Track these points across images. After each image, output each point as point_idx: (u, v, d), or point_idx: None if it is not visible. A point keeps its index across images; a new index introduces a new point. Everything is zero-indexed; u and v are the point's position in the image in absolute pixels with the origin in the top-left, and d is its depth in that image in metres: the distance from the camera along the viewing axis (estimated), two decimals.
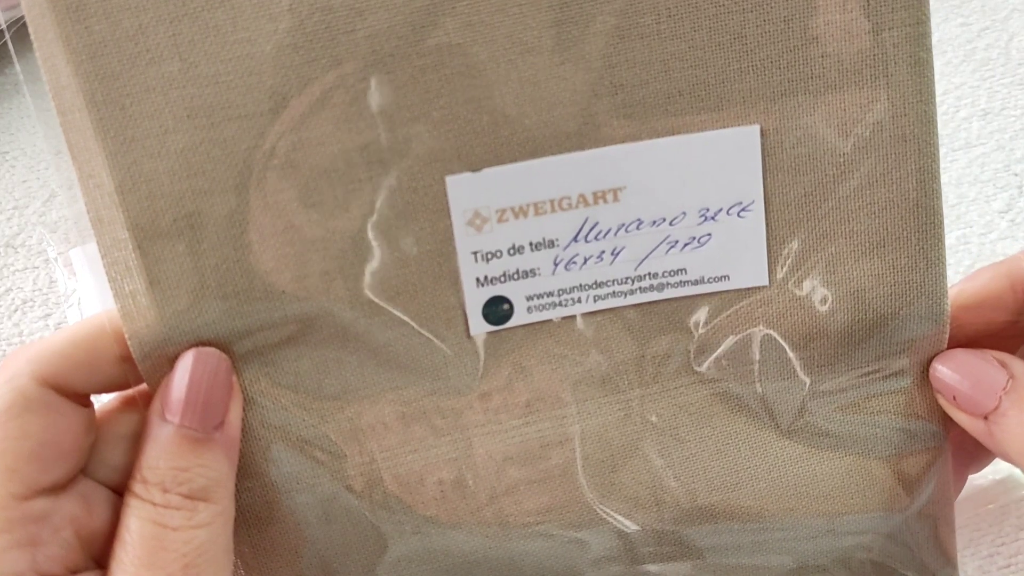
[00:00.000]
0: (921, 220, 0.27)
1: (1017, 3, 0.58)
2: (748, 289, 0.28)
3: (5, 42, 0.63)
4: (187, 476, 0.25)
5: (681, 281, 0.27)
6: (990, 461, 0.33)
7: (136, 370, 0.26)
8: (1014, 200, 0.48)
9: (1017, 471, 0.35)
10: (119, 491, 0.26)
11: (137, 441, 0.26)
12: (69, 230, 0.50)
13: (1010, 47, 0.55)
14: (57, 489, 0.25)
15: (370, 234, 0.26)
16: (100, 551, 0.26)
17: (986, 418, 0.27)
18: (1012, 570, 0.35)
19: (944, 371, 0.28)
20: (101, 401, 0.27)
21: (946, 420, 0.29)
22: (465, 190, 0.26)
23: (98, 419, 0.26)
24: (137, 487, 0.25)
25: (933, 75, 0.26)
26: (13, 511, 0.24)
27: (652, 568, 0.30)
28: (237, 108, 0.24)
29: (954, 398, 0.28)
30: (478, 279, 0.27)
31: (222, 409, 0.25)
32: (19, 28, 0.25)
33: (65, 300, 0.47)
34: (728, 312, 0.28)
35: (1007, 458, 0.28)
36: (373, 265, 0.26)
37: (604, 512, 0.29)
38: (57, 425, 0.24)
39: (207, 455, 0.25)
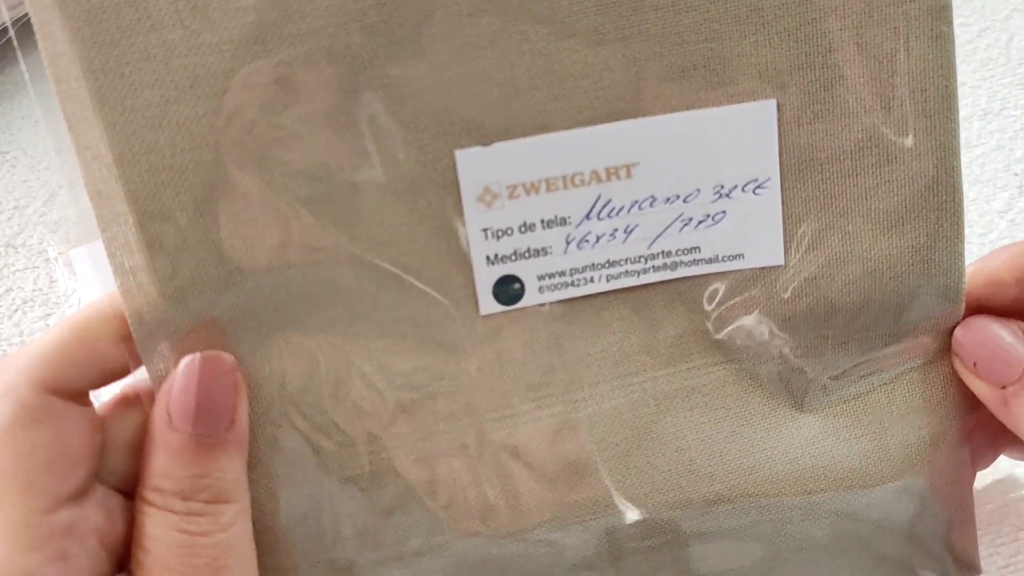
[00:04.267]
0: (940, 198, 0.26)
1: (1017, 3, 0.57)
2: (763, 268, 0.27)
3: (6, 42, 0.63)
4: (207, 482, 0.24)
5: (695, 259, 0.27)
6: (996, 456, 0.33)
7: (135, 354, 0.25)
8: (1014, 200, 0.48)
9: (1017, 471, 0.35)
10: (128, 494, 0.26)
11: (139, 445, 0.25)
12: (69, 230, 0.50)
13: (1010, 47, 0.55)
14: (78, 496, 0.24)
15: (378, 209, 0.25)
16: (123, 557, 0.25)
17: (1004, 388, 0.27)
18: (1012, 570, 0.35)
19: (967, 337, 0.27)
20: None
21: (961, 402, 0.29)
22: (475, 165, 0.25)
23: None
24: (152, 495, 0.24)
25: (954, 49, 0.25)
26: (41, 527, 0.23)
27: (632, 560, 0.29)
28: (243, 78, 0.24)
29: (974, 365, 0.27)
30: (488, 257, 0.26)
31: (231, 410, 0.25)
32: (23, 26, 0.24)
33: (65, 300, 0.47)
34: (742, 291, 0.27)
35: (1020, 432, 0.27)
36: (380, 241, 0.25)
37: (617, 499, 0.28)
38: (65, 432, 0.24)
39: (223, 458, 0.25)
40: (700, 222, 0.27)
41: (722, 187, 0.26)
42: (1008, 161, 0.50)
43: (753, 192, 0.26)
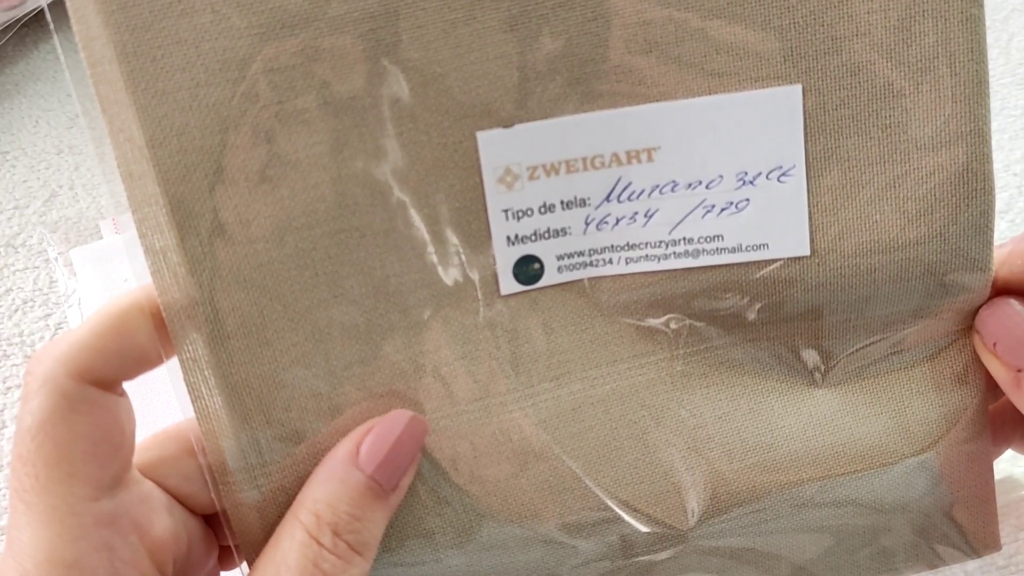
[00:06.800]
0: (971, 185, 0.26)
1: (1017, 3, 0.58)
2: (788, 259, 0.27)
3: (5, 42, 0.63)
4: (359, 526, 0.25)
5: (718, 248, 0.27)
6: (1004, 449, 0.33)
7: (169, 344, 0.25)
8: (1014, 200, 0.48)
9: (1016, 471, 0.35)
10: (185, 502, 0.27)
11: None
12: (69, 230, 0.50)
13: (1010, 47, 0.55)
14: (116, 485, 0.25)
15: (398, 190, 0.25)
16: (162, 560, 0.25)
17: (1019, 371, 0.27)
18: (1011, 570, 0.35)
19: (991, 317, 0.27)
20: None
21: (981, 382, 0.29)
22: (496, 146, 0.25)
23: (183, 429, 0.27)
24: (308, 519, 0.25)
25: (985, 32, 0.25)
26: (85, 516, 0.24)
27: (642, 559, 0.29)
28: (270, 62, 0.24)
29: (994, 345, 0.27)
30: (508, 238, 0.26)
31: (405, 475, 0.26)
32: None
33: (65, 300, 0.47)
34: (765, 280, 0.27)
35: None
36: (400, 221, 0.26)
37: (624, 503, 0.28)
38: (104, 420, 0.24)
39: (380, 512, 0.25)
40: (723, 209, 0.26)
41: (746, 174, 0.26)
42: (1008, 161, 0.50)
43: (778, 180, 0.26)
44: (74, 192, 0.53)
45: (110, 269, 0.47)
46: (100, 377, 0.24)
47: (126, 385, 0.26)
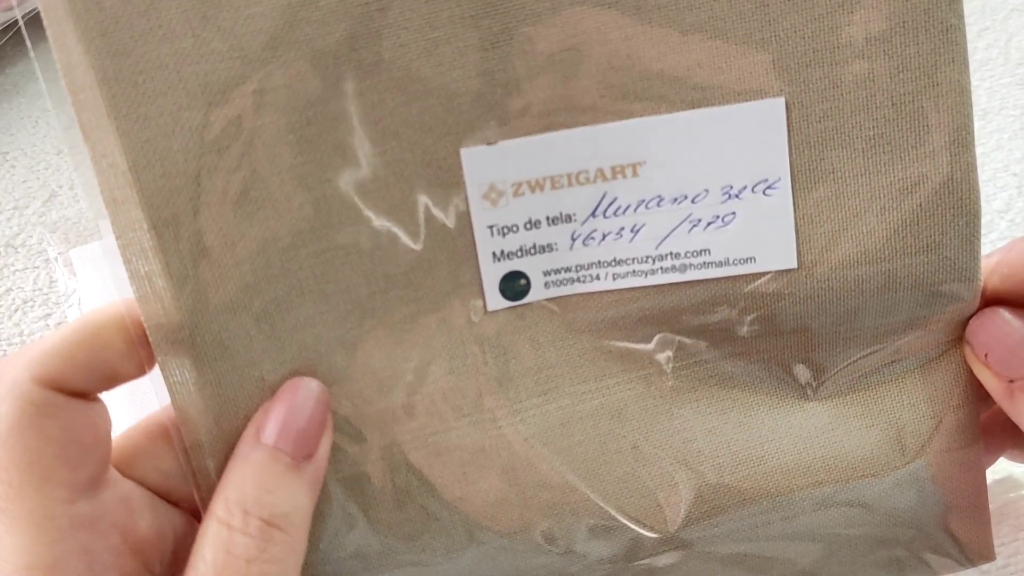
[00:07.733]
0: (956, 195, 0.26)
1: (1017, 3, 0.57)
2: (776, 272, 0.27)
3: (5, 42, 0.63)
4: (271, 500, 0.24)
5: (705, 263, 0.27)
6: (998, 456, 0.33)
7: (151, 357, 0.25)
8: (1013, 200, 0.48)
9: (1015, 471, 0.35)
10: (167, 497, 0.26)
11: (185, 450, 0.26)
12: (69, 230, 0.50)
13: (1009, 47, 0.55)
14: (93, 487, 0.24)
15: (382, 208, 0.25)
16: (149, 559, 0.25)
17: (1011, 381, 0.27)
18: (1011, 570, 0.35)
19: (981, 327, 0.27)
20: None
21: (973, 393, 0.29)
22: (481, 163, 0.25)
23: (156, 422, 0.27)
24: (218, 507, 0.24)
25: (965, 41, 0.25)
26: (62, 519, 0.24)
27: (643, 563, 0.29)
28: (251, 84, 0.24)
29: (986, 356, 0.27)
30: (494, 254, 0.26)
31: (315, 440, 0.26)
32: (30, 20, 0.24)
33: (65, 300, 0.47)
34: (753, 293, 0.27)
35: (1022, 425, 0.27)
36: (384, 239, 0.26)
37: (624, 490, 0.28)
38: (74, 423, 0.24)
39: (294, 482, 0.25)
40: (709, 223, 0.26)
41: (731, 188, 0.26)
42: (1007, 161, 0.50)
43: (763, 193, 0.26)
44: (74, 192, 0.53)
45: (109, 270, 0.47)
46: (67, 387, 0.24)
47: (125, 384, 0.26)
